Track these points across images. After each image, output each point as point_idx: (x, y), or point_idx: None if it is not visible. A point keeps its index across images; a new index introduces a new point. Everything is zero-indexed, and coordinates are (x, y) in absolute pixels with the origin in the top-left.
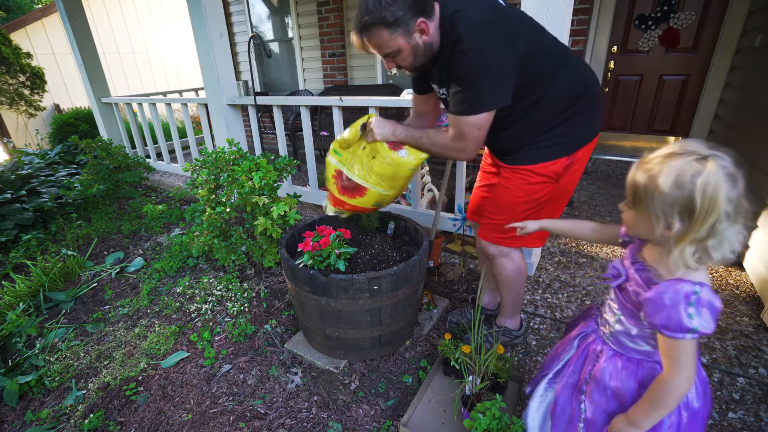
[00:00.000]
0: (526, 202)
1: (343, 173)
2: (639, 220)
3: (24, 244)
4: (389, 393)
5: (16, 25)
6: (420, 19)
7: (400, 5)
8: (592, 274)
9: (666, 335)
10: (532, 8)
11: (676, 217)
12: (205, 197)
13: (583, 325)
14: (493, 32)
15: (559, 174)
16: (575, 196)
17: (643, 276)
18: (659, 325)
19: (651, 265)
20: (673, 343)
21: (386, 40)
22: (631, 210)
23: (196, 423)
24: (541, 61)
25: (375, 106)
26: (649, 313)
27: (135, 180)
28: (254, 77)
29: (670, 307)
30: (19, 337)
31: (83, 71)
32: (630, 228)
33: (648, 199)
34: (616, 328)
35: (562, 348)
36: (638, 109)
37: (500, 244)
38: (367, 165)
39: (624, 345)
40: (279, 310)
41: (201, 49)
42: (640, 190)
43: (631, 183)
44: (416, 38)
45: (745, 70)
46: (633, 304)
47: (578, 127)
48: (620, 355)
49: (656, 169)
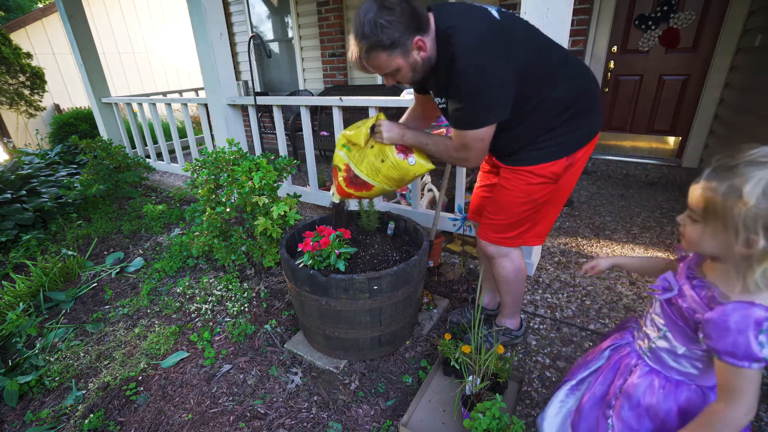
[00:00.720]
0: (525, 202)
1: (351, 168)
2: (709, 235)
3: (24, 244)
4: (389, 393)
5: (16, 25)
6: (417, 37)
7: (396, 27)
8: (592, 274)
9: (728, 362)
10: (532, 8)
11: (761, 232)
12: (205, 197)
13: (617, 337)
14: (488, 50)
15: (559, 175)
16: (575, 195)
17: (703, 294)
18: (721, 351)
19: (713, 282)
20: (735, 372)
21: (385, 61)
22: (697, 224)
23: (196, 423)
24: (541, 67)
25: (375, 106)
26: (710, 336)
27: (135, 180)
28: (254, 77)
29: (737, 332)
30: (19, 337)
31: (83, 71)
32: (694, 244)
33: (726, 213)
34: (658, 344)
35: (592, 356)
36: (638, 109)
37: (499, 244)
38: (375, 166)
39: (664, 363)
40: (279, 310)
41: (201, 49)
42: (716, 203)
43: (703, 194)
44: (414, 55)
45: (745, 70)
46: (685, 322)
47: (578, 127)
48: (657, 373)
49: (738, 179)
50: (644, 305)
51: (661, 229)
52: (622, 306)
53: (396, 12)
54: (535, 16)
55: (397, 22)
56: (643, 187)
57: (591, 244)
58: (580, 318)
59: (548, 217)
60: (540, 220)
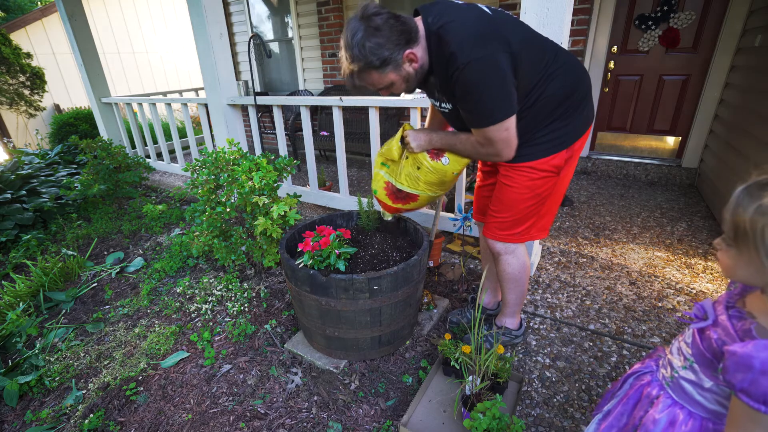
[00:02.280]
0: (529, 197)
1: (392, 184)
2: (744, 262)
3: (24, 244)
4: (389, 393)
5: (16, 25)
6: (407, 51)
7: (384, 46)
8: (592, 275)
9: (743, 400)
10: (532, 8)
11: None
12: (205, 197)
13: (641, 365)
14: (486, 43)
15: (560, 167)
16: (575, 196)
17: (737, 325)
18: (737, 386)
19: (752, 314)
20: (748, 413)
21: (377, 78)
22: (731, 249)
23: (196, 423)
24: (535, 61)
25: (375, 106)
26: (729, 369)
27: (135, 180)
28: (254, 77)
29: (760, 373)
30: (19, 337)
31: (83, 71)
32: (729, 271)
33: (757, 236)
34: (681, 373)
35: (615, 387)
36: (638, 109)
37: (507, 241)
38: (413, 175)
39: (689, 396)
40: (279, 310)
41: (201, 49)
42: (746, 224)
43: (733, 215)
44: (406, 68)
45: (745, 70)
46: (713, 354)
47: (574, 119)
48: (681, 407)
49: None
50: (644, 305)
51: (661, 229)
52: (622, 306)
53: (384, 32)
54: (535, 16)
55: (385, 41)
56: (643, 187)
57: (591, 244)
58: (580, 318)
59: (551, 209)
60: (545, 213)
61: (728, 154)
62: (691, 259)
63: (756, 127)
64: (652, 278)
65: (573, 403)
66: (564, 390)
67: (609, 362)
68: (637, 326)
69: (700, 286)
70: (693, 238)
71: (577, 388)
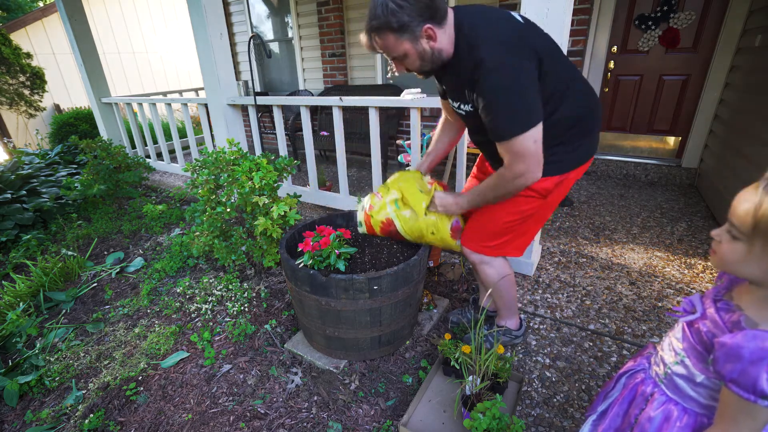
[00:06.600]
0: (511, 212)
1: (394, 225)
2: (756, 257)
3: (24, 244)
4: (389, 393)
5: (16, 25)
6: (427, 26)
7: (406, 11)
8: (592, 275)
9: (733, 390)
10: (532, 8)
11: None
12: (205, 197)
13: (633, 363)
14: (517, 50)
15: (549, 191)
16: (575, 196)
17: (725, 317)
18: (727, 377)
19: (739, 306)
20: (738, 403)
21: (393, 43)
22: (738, 242)
23: (196, 423)
24: (555, 77)
25: (375, 106)
26: (719, 360)
27: (135, 180)
28: (254, 77)
29: (749, 363)
30: (19, 337)
31: (83, 71)
32: (729, 264)
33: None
34: (674, 369)
35: (608, 386)
36: (638, 109)
37: (480, 252)
38: (421, 232)
39: (682, 392)
40: (279, 310)
41: (201, 49)
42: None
43: (756, 208)
44: (423, 44)
45: (745, 70)
46: (704, 346)
47: (576, 148)
48: (676, 404)
49: None
50: (644, 305)
51: (661, 229)
52: (622, 306)
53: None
54: (535, 16)
55: (408, 7)
56: (643, 187)
57: (591, 244)
58: (580, 318)
59: (530, 231)
60: (523, 233)
61: (728, 154)
62: (691, 259)
63: (756, 127)
64: (652, 278)
65: (573, 403)
66: (564, 390)
67: (609, 362)
68: (637, 326)
69: (700, 286)
70: (693, 238)
71: (577, 388)
